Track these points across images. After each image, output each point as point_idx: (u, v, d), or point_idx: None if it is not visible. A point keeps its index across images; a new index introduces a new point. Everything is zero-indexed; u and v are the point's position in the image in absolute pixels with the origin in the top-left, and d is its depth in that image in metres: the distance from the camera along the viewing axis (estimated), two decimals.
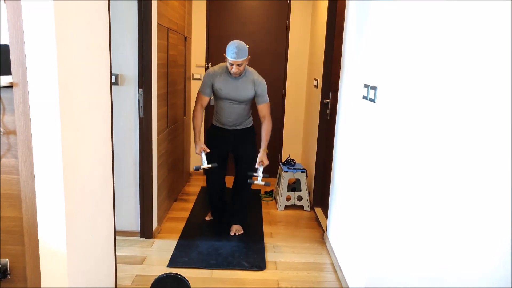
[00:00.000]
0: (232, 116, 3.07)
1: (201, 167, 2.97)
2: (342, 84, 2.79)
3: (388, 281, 2.05)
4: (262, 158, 3.00)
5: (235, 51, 2.80)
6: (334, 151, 2.93)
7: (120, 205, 2.98)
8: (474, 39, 1.78)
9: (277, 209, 3.80)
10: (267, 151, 3.05)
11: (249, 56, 2.96)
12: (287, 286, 2.48)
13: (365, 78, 2.22)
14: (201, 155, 3.02)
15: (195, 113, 3.08)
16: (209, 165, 2.98)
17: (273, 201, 4.02)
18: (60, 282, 1.59)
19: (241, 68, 2.88)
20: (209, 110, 4.64)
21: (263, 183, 2.94)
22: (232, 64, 2.85)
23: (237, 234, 3.15)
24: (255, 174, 3.01)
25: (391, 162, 1.93)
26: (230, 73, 2.95)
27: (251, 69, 3.06)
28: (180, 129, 3.95)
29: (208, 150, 3.03)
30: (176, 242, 2.98)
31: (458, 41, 1.79)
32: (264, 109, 3.08)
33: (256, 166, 3.02)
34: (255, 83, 3.00)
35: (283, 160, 4.69)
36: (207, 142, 3.19)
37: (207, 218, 3.46)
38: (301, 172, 3.74)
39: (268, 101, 3.11)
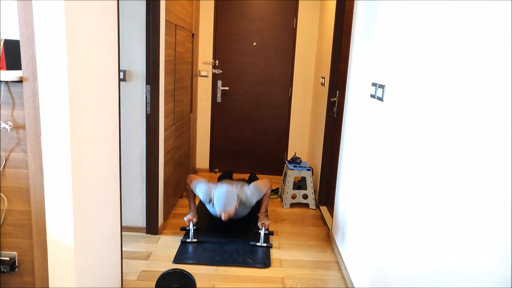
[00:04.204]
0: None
1: (187, 240, 2.92)
2: (350, 82, 2.78)
3: (393, 280, 2.04)
4: (262, 221, 2.99)
5: (223, 202, 2.68)
6: (341, 150, 2.92)
7: (126, 201, 3.00)
8: (484, 38, 1.77)
9: (283, 207, 3.80)
10: (266, 214, 3.06)
11: (238, 200, 2.82)
12: (292, 283, 2.49)
13: (373, 76, 2.21)
14: (188, 225, 2.95)
15: (188, 190, 3.05)
16: (195, 239, 2.94)
17: (279, 198, 4.02)
18: (67, 275, 1.60)
19: (231, 213, 2.76)
20: (213, 112, 4.64)
21: (265, 244, 2.95)
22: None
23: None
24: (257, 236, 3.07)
25: (398, 161, 1.92)
26: None
27: (240, 194, 2.89)
28: (186, 125, 3.96)
29: (195, 223, 2.96)
30: (181, 238, 2.99)
31: (467, 40, 1.78)
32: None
33: (259, 226, 3.00)
34: (250, 203, 2.93)
35: (289, 158, 4.69)
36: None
37: None
38: (307, 170, 3.73)
39: (264, 186, 3.02)
